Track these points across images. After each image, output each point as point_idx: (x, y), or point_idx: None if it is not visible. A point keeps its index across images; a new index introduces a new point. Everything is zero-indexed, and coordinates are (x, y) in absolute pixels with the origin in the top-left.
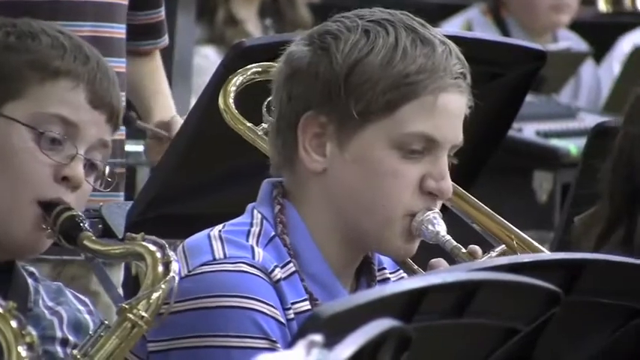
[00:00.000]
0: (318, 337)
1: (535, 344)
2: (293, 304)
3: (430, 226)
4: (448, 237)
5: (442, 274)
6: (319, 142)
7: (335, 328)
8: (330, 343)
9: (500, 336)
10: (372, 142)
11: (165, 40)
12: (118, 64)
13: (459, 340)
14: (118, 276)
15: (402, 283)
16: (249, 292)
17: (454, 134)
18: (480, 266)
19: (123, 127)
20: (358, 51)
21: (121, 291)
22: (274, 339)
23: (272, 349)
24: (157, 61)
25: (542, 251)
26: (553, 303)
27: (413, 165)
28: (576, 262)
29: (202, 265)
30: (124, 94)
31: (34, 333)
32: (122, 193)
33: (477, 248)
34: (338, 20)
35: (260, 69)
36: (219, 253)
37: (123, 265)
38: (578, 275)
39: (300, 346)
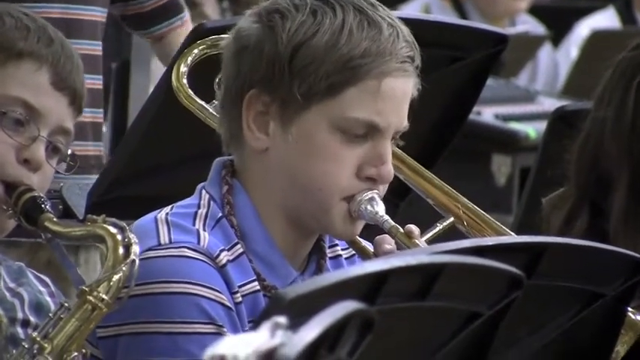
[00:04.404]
0: (282, 319)
1: (497, 327)
2: (240, 286)
3: (369, 207)
4: (386, 217)
5: (405, 256)
6: (263, 121)
7: (298, 310)
8: (293, 325)
9: (463, 319)
10: (314, 124)
11: (185, 14)
12: (91, 47)
13: (421, 323)
14: (95, 257)
15: (365, 265)
16: (194, 277)
17: (398, 119)
18: (443, 249)
19: (100, 110)
20: (304, 32)
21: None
22: (220, 324)
23: (218, 334)
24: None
25: (490, 221)
26: (515, 286)
27: (353, 149)
28: (538, 245)
29: (148, 250)
30: (100, 77)
31: (1, 313)
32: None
33: (414, 228)
34: None
35: (209, 42)
36: (164, 238)
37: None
38: (540, 258)
39: (265, 327)
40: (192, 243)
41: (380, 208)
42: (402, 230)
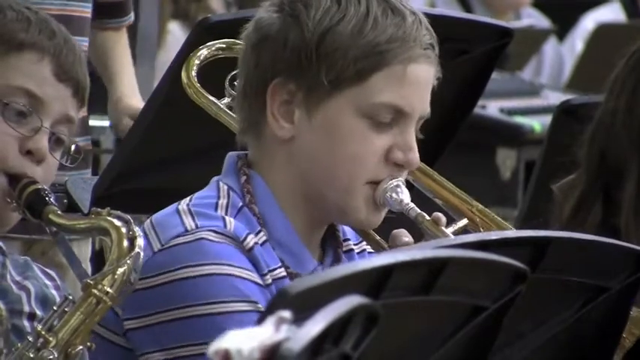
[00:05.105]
0: (286, 314)
1: (501, 322)
2: (270, 270)
3: (394, 195)
4: (412, 205)
5: (410, 251)
6: (287, 109)
7: (303, 305)
8: (298, 319)
9: (467, 313)
10: (340, 111)
11: (130, 18)
12: (84, 43)
13: (426, 318)
14: (85, 250)
15: (370, 260)
16: (224, 258)
17: (422, 105)
18: (447, 243)
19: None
20: (329, 19)
21: (88, 265)
22: (255, 300)
23: (255, 311)
24: (123, 36)
25: (504, 225)
26: (520, 280)
27: (381, 135)
28: (542, 239)
29: (175, 237)
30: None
31: (2, 307)
32: (89, 170)
33: (441, 215)
34: None
35: (224, 45)
36: (190, 225)
37: (90, 239)
38: (544, 253)
39: (269, 322)
40: (218, 227)
41: (405, 196)
42: (428, 218)
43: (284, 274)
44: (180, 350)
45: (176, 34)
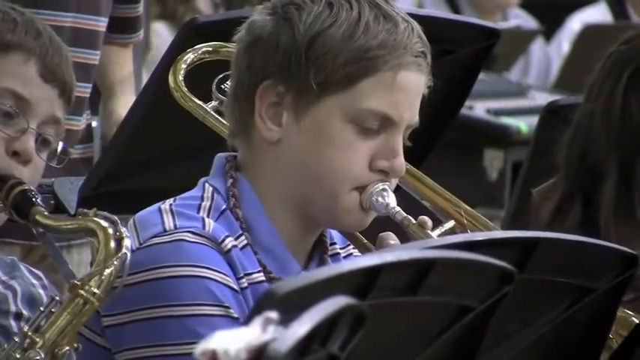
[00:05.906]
0: (273, 314)
1: (488, 322)
2: (246, 274)
3: (380, 198)
4: (398, 209)
5: (397, 251)
6: (276, 112)
7: (290, 306)
8: (285, 320)
9: (454, 314)
10: (328, 115)
11: (139, 35)
12: (95, 56)
13: (413, 318)
14: (87, 255)
15: (357, 260)
16: (200, 260)
17: (410, 113)
18: (434, 244)
19: (88, 111)
20: (321, 23)
21: (89, 269)
22: (227, 305)
23: (226, 316)
24: (129, 53)
25: (491, 227)
26: (506, 281)
27: (367, 141)
28: (529, 240)
29: (153, 237)
30: (89, 85)
31: None
32: None
33: (427, 219)
34: None
35: (211, 48)
36: (169, 225)
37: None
38: (531, 253)
39: (256, 323)
40: (197, 228)
41: (391, 199)
42: (414, 221)
43: (262, 278)
44: (150, 350)
45: (163, 34)
